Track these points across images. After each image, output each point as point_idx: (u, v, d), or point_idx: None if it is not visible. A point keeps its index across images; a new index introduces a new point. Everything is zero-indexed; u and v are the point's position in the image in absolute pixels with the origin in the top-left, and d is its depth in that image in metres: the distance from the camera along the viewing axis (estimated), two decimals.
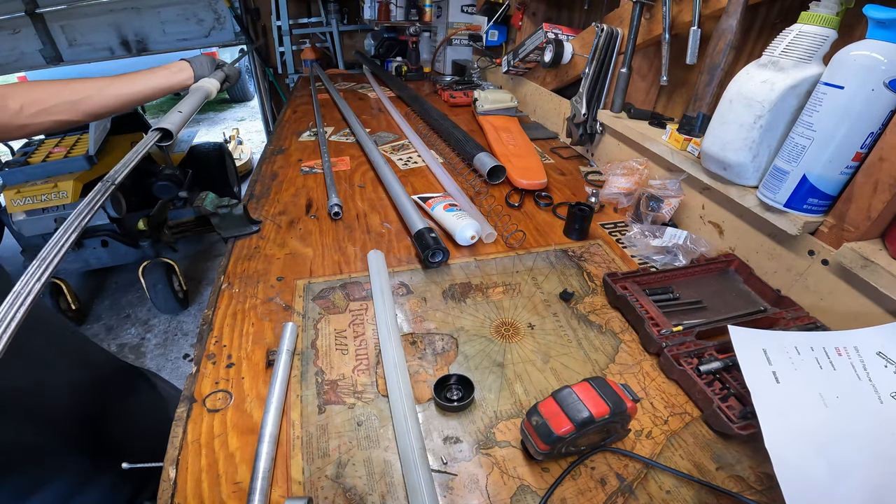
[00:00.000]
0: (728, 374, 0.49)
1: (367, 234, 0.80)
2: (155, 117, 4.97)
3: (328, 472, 0.43)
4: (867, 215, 0.52)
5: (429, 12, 1.87)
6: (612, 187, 0.84)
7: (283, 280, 0.68)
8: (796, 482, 0.37)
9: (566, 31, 1.19)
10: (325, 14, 2.77)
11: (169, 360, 1.89)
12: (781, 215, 0.59)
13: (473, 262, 0.72)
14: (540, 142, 1.22)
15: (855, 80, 0.49)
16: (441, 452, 0.45)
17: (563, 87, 1.26)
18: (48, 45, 2.50)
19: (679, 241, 0.70)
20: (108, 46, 2.63)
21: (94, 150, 1.74)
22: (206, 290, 2.26)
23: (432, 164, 1.04)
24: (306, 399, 0.50)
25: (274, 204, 0.90)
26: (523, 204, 0.90)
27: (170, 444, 0.45)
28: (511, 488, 0.42)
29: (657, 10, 0.85)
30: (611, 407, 0.40)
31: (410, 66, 2.02)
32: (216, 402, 0.49)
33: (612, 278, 0.63)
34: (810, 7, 0.54)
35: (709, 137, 0.66)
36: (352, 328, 0.59)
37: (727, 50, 0.65)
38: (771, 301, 0.61)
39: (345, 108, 1.45)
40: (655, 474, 0.43)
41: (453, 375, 0.51)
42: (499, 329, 0.59)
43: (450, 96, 1.55)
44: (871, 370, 0.44)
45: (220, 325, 0.60)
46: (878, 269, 0.49)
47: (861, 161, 0.52)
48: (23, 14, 2.36)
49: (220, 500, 0.41)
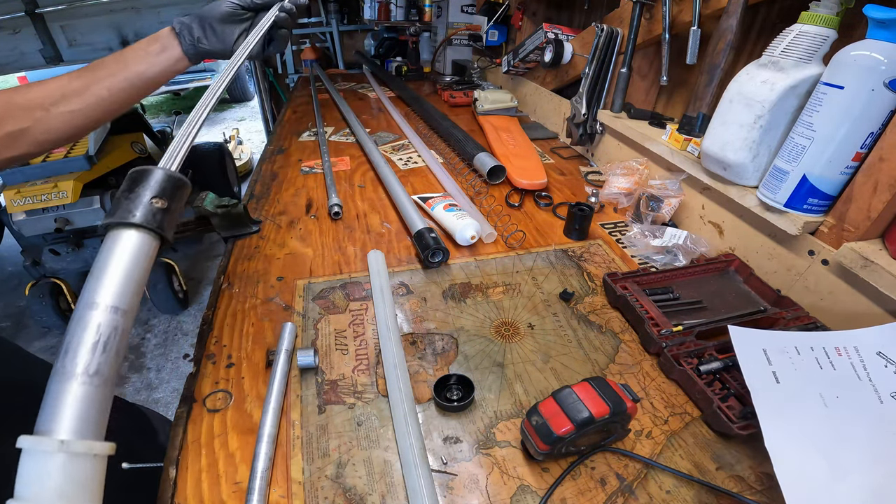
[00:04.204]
0: (728, 374, 0.49)
1: (367, 234, 0.80)
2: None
3: (328, 472, 0.43)
4: (867, 215, 0.52)
5: (429, 12, 1.87)
6: (612, 187, 0.84)
7: (282, 280, 0.68)
8: (796, 482, 0.37)
9: (566, 31, 1.19)
10: (325, 14, 2.77)
11: (169, 360, 1.89)
12: (781, 215, 0.59)
13: (473, 262, 0.72)
14: (540, 142, 1.22)
15: (855, 80, 0.49)
16: (441, 452, 0.45)
17: (563, 87, 1.26)
18: (48, 45, 2.50)
19: (679, 241, 0.70)
20: (108, 46, 2.63)
21: (94, 150, 1.74)
22: (206, 290, 2.26)
23: (432, 164, 1.04)
24: (306, 399, 0.50)
25: (274, 204, 0.90)
26: (523, 204, 0.90)
27: (170, 444, 0.45)
28: (511, 488, 0.42)
29: (657, 10, 0.85)
30: (611, 407, 0.40)
31: (410, 66, 2.02)
32: (216, 402, 0.49)
33: (612, 278, 0.63)
34: (810, 7, 0.54)
35: (709, 137, 0.66)
36: (352, 328, 0.59)
37: (727, 50, 0.65)
38: (771, 301, 0.61)
39: (345, 108, 1.45)
40: (655, 474, 0.43)
41: (453, 375, 0.51)
42: (499, 329, 0.59)
43: (450, 96, 1.55)
44: (871, 370, 0.44)
45: (219, 325, 0.60)
46: (878, 269, 0.49)
47: (861, 161, 0.52)
48: (23, 14, 2.36)
49: (220, 500, 0.40)
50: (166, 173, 0.32)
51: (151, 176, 0.31)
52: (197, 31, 0.57)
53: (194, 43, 0.57)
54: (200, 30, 0.57)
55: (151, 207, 0.30)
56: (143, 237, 0.30)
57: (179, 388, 1.78)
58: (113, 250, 0.28)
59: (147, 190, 0.30)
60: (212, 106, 0.41)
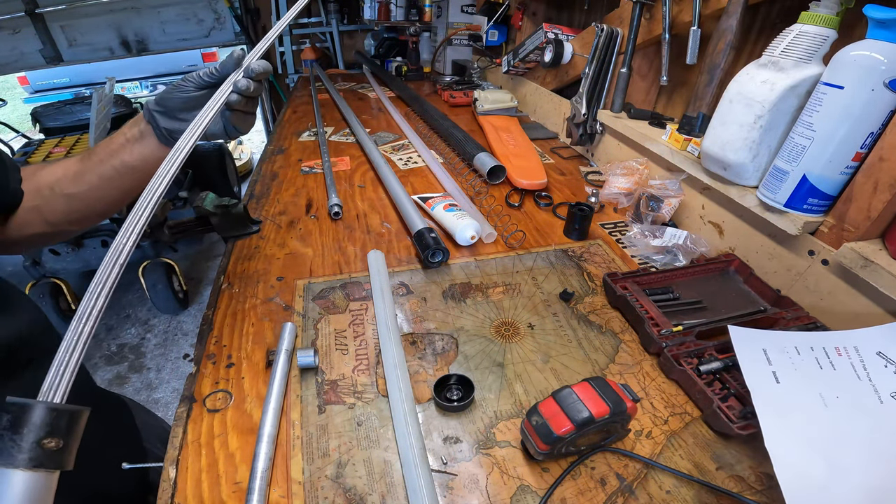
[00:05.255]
0: (728, 374, 0.49)
1: (367, 234, 0.80)
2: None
3: (328, 472, 0.43)
4: (867, 215, 0.52)
5: (429, 12, 1.87)
6: (612, 187, 0.84)
7: (283, 280, 0.68)
8: (796, 482, 0.37)
9: (566, 31, 1.19)
10: (325, 14, 2.77)
11: (169, 360, 1.90)
12: (781, 215, 0.59)
13: (473, 262, 0.72)
14: (540, 142, 1.22)
15: (855, 80, 0.49)
16: (441, 452, 0.45)
17: (563, 87, 1.26)
18: (48, 45, 2.50)
19: (679, 241, 0.70)
20: (108, 46, 2.63)
21: None
22: (206, 290, 2.26)
23: (432, 164, 1.04)
24: (306, 399, 0.50)
25: (274, 204, 0.90)
26: (523, 204, 0.90)
27: (170, 444, 0.45)
28: (511, 488, 0.42)
29: (657, 10, 0.85)
30: (611, 407, 0.40)
31: (410, 66, 2.02)
32: (216, 402, 0.49)
33: (612, 278, 0.63)
34: (810, 7, 0.54)
35: (709, 137, 0.66)
36: (352, 328, 0.59)
37: (727, 50, 0.65)
38: (771, 301, 0.61)
39: (345, 108, 1.45)
40: (655, 474, 0.43)
41: (453, 375, 0.51)
42: (499, 329, 0.59)
43: (450, 96, 1.55)
44: (871, 370, 0.44)
45: (220, 325, 0.60)
46: (878, 269, 0.49)
47: (861, 161, 0.52)
48: (23, 14, 2.36)
49: (220, 500, 0.40)
50: (49, 409, 0.27)
51: (32, 414, 0.27)
52: (163, 121, 0.52)
53: (166, 134, 0.52)
54: (166, 120, 0.52)
55: (44, 451, 0.27)
56: (39, 476, 0.27)
57: (179, 388, 1.78)
58: (4, 495, 0.25)
59: (31, 432, 0.26)
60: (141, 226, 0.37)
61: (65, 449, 0.28)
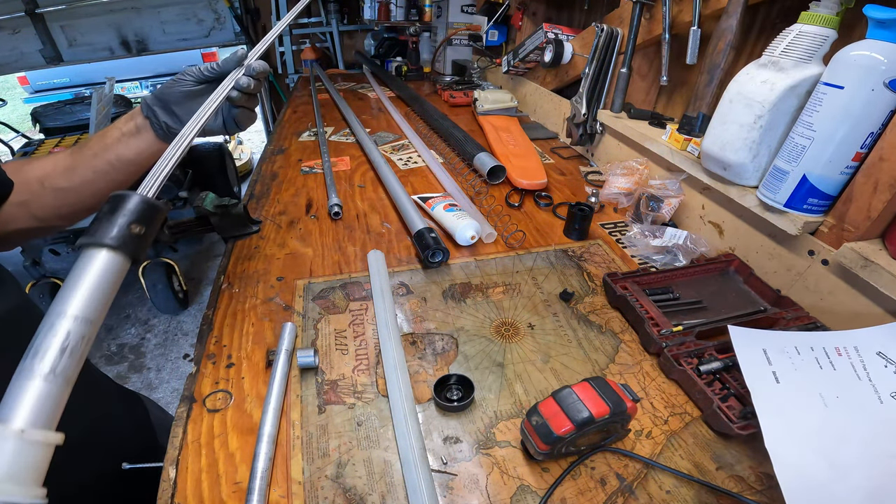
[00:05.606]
0: (728, 374, 0.49)
1: (367, 234, 0.80)
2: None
3: (328, 472, 0.43)
4: (867, 215, 0.52)
5: (429, 12, 1.87)
6: (612, 187, 0.84)
7: (283, 280, 0.68)
8: (796, 482, 0.37)
9: (566, 31, 1.19)
10: (325, 14, 2.77)
11: (169, 360, 1.90)
12: (781, 215, 0.59)
13: (473, 262, 0.72)
14: (540, 142, 1.22)
15: (855, 80, 0.49)
16: (441, 452, 0.45)
17: (563, 87, 1.26)
18: (48, 45, 2.50)
19: (679, 241, 0.70)
20: (108, 46, 2.63)
21: None
22: (206, 290, 2.26)
23: (432, 164, 1.04)
24: (306, 399, 0.50)
25: (274, 204, 0.90)
26: (523, 204, 0.90)
27: (170, 444, 0.45)
28: (511, 488, 0.42)
29: (657, 10, 0.85)
30: (611, 407, 0.40)
31: (410, 66, 2.02)
32: (216, 402, 0.49)
33: (612, 278, 0.63)
34: (810, 7, 0.54)
35: (709, 137, 0.66)
36: (352, 328, 0.59)
37: (727, 50, 0.65)
38: (771, 301, 0.61)
39: (345, 108, 1.45)
40: (655, 474, 0.43)
41: (453, 375, 0.51)
42: (499, 329, 0.59)
43: (450, 96, 1.55)
44: (871, 370, 0.44)
45: (219, 324, 0.60)
46: (878, 269, 0.49)
47: (861, 161, 0.52)
48: (23, 14, 2.36)
49: (220, 500, 0.40)
50: (144, 200, 0.33)
51: (130, 201, 0.32)
52: (162, 115, 0.52)
53: (163, 128, 0.52)
54: (165, 114, 0.52)
55: (129, 232, 0.31)
56: (117, 259, 0.31)
57: (179, 388, 1.78)
58: (87, 268, 0.30)
59: (125, 215, 0.32)
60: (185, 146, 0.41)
61: (144, 237, 0.33)
